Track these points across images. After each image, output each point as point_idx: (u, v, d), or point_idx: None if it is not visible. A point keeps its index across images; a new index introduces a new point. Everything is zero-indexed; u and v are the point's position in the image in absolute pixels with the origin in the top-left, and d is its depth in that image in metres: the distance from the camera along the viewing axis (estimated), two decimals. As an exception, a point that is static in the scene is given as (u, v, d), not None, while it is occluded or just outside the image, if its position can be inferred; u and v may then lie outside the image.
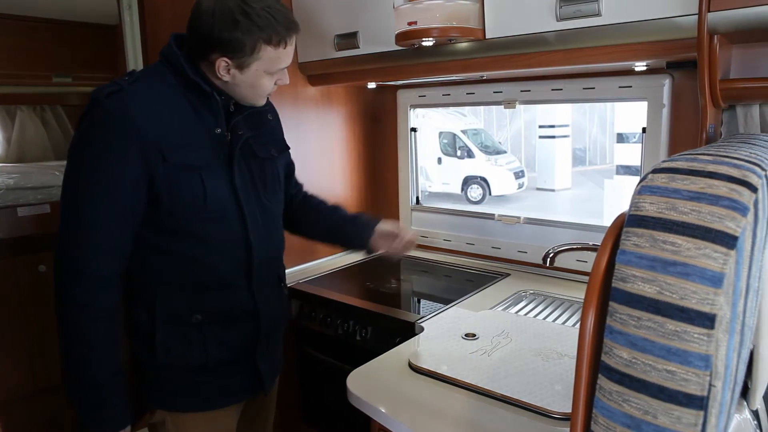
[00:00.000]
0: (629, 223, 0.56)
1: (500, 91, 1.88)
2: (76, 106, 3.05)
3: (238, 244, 1.23)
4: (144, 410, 1.30)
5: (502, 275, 1.88)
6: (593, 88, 1.67)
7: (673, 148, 1.57)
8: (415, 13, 1.47)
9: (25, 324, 2.23)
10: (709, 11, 1.08)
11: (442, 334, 1.39)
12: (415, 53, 1.64)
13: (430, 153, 7.81)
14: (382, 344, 1.48)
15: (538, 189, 8.97)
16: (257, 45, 1.11)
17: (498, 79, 1.88)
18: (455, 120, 7.90)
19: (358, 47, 1.77)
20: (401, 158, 2.26)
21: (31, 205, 2.19)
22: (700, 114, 1.18)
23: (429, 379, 1.19)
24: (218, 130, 1.19)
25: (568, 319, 1.53)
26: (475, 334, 1.37)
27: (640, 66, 1.48)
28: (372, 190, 2.36)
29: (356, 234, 1.49)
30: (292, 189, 1.53)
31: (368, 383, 1.20)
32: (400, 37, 1.53)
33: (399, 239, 1.46)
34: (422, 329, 1.46)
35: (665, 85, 1.53)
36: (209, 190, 1.17)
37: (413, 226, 2.26)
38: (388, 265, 2.09)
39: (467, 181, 7.93)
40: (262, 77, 1.17)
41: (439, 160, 7.96)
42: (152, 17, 1.99)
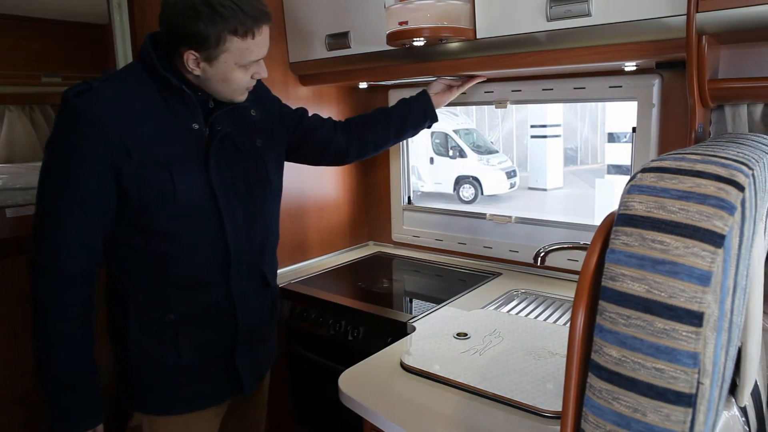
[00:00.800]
0: (618, 222, 0.56)
1: (491, 91, 1.89)
2: (65, 106, 3.03)
3: (214, 242, 1.20)
4: (127, 414, 1.29)
5: (494, 274, 1.88)
6: (584, 88, 1.68)
7: (663, 148, 1.58)
8: (406, 13, 1.47)
9: (14, 326, 2.21)
10: (698, 12, 1.09)
11: (434, 334, 1.40)
12: (407, 53, 1.64)
13: (423, 153, 7.82)
14: (374, 344, 1.48)
15: (530, 188, 9.01)
16: (222, 36, 1.09)
17: (489, 79, 1.89)
18: (447, 120, 7.91)
19: (349, 47, 1.77)
20: (393, 158, 2.26)
21: (19, 206, 2.17)
22: (689, 114, 1.19)
23: (421, 378, 1.19)
24: (195, 126, 1.17)
25: (559, 318, 1.53)
26: (466, 334, 1.37)
27: (630, 66, 1.49)
28: (364, 189, 2.36)
29: (421, 115, 1.64)
30: (323, 135, 1.56)
31: (360, 383, 1.20)
32: (392, 37, 1.53)
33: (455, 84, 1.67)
34: (414, 329, 1.46)
35: (655, 85, 1.54)
36: (179, 186, 1.14)
37: (405, 226, 2.26)
38: (380, 265, 2.09)
39: (459, 181, 7.95)
40: (233, 70, 1.14)
41: (432, 160, 7.97)
42: (142, 16, 1.98)
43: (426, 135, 7.79)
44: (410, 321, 1.50)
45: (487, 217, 2.00)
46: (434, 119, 1.68)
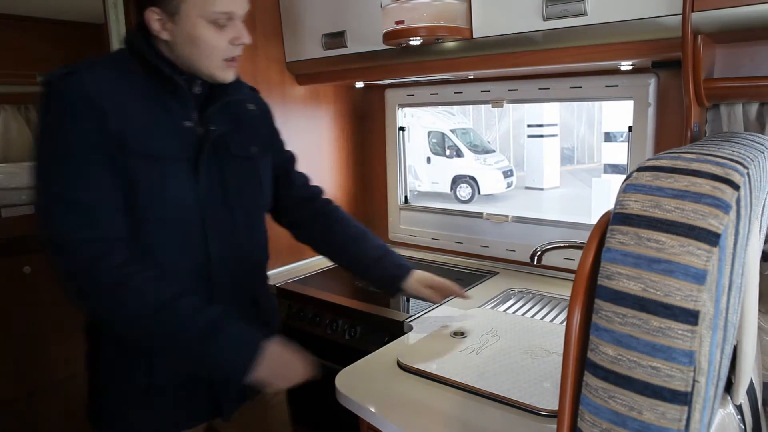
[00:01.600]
0: (614, 221, 0.56)
1: (488, 90, 1.89)
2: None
3: (196, 256, 1.08)
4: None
5: (491, 274, 1.88)
6: (580, 87, 1.68)
7: (659, 147, 1.58)
8: (403, 13, 1.47)
9: (10, 327, 2.20)
10: (693, 11, 1.09)
11: (431, 333, 1.40)
12: (403, 52, 1.64)
13: (420, 152, 7.83)
14: (370, 343, 1.48)
15: (527, 188, 9.03)
16: None
17: (485, 78, 1.89)
18: (444, 119, 7.92)
19: (345, 46, 1.77)
20: (390, 157, 2.26)
21: (15, 206, 2.17)
22: (685, 113, 1.19)
23: (418, 377, 1.19)
24: (187, 124, 1.07)
25: (555, 317, 1.54)
26: (463, 333, 1.37)
27: (626, 65, 1.50)
28: (360, 189, 2.36)
29: (386, 276, 1.37)
30: (294, 188, 1.38)
31: (357, 382, 1.20)
32: (388, 37, 1.53)
33: (438, 285, 1.38)
34: (411, 328, 1.46)
35: (651, 84, 1.54)
36: (169, 187, 1.03)
37: (402, 226, 2.26)
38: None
39: (456, 181, 7.96)
40: (200, 26, 1.01)
41: (429, 160, 7.98)
42: (137, 15, 1.97)
43: (423, 135, 7.79)
44: (407, 320, 1.50)
45: (484, 217, 2.00)
46: (393, 290, 1.41)
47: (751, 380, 0.97)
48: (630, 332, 0.54)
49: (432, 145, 7.99)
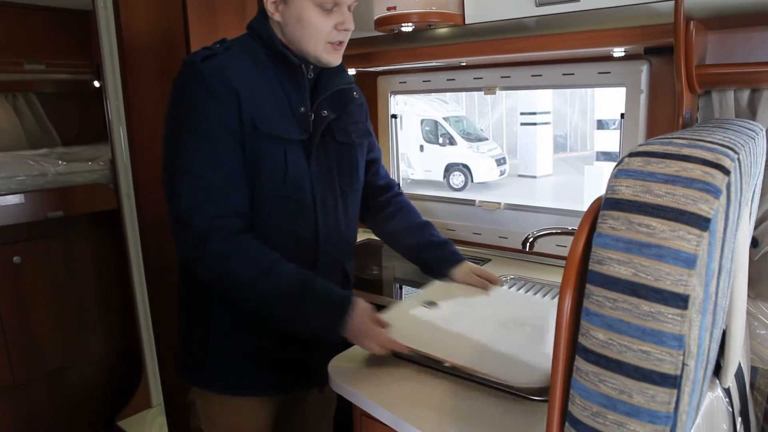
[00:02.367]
0: (605, 206, 0.56)
1: (480, 77, 1.88)
2: (50, 93, 2.98)
3: (307, 230, 1.19)
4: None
5: (483, 260, 1.89)
6: (573, 74, 1.68)
7: (651, 133, 1.58)
8: (395, -2, 1.46)
9: (0, 317, 2.19)
10: (686, -3, 1.09)
11: (406, 307, 1.37)
12: (395, 39, 1.63)
13: (413, 140, 7.82)
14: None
15: (520, 176, 9.05)
16: None
17: (478, 65, 1.88)
18: (437, 107, 7.91)
19: (337, 33, 1.75)
20: (382, 145, 2.25)
21: (3, 195, 2.14)
22: (677, 99, 1.19)
23: (410, 363, 1.20)
24: (302, 109, 1.16)
25: (547, 304, 1.54)
26: (434, 302, 1.35)
27: (619, 52, 1.49)
28: (353, 177, 2.35)
29: (439, 260, 1.42)
30: (375, 178, 1.46)
31: (349, 369, 1.20)
32: (380, 23, 1.52)
33: (487, 276, 1.43)
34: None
35: (643, 70, 1.54)
36: (290, 167, 1.13)
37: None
38: (370, 252, 2.09)
39: (449, 169, 7.97)
40: (309, 10, 1.09)
41: (422, 148, 7.98)
42: (126, 2, 1.94)
43: (416, 122, 7.78)
44: (400, 307, 1.50)
45: (477, 204, 2.01)
46: (441, 274, 1.45)
47: (740, 364, 0.98)
48: (620, 317, 0.54)
49: (425, 133, 7.98)
